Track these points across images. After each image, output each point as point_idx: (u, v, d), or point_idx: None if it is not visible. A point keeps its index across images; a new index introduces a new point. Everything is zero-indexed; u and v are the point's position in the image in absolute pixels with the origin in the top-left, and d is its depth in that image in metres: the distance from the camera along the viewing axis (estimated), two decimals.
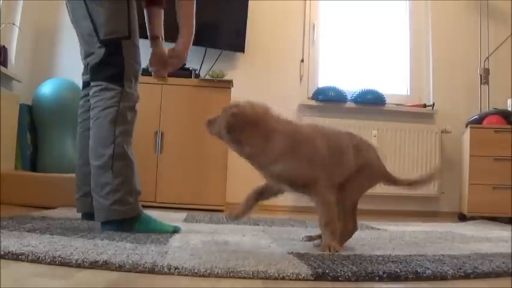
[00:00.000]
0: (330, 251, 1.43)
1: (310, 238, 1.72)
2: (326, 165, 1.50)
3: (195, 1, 1.89)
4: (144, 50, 1.89)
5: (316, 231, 2.10)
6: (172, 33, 1.95)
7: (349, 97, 3.93)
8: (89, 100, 1.94)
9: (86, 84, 1.98)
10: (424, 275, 1.16)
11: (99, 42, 1.73)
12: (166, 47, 2.01)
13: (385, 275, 1.13)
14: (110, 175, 1.68)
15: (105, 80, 1.73)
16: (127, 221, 1.69)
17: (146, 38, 2.02)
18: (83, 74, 2.00)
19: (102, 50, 1.73)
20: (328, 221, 1.49)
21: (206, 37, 3.68)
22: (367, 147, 1.64)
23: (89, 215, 1.91)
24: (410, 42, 4.11)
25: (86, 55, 1.79)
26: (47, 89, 3.34)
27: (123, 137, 1.72)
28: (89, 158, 1.86)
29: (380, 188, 1.67)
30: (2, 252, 1.14)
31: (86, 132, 1.92)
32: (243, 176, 3.24)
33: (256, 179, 1.51)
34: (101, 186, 1.69)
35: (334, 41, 4.11)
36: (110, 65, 1.74)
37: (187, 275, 1.08)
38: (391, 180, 1.69)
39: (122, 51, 1.75)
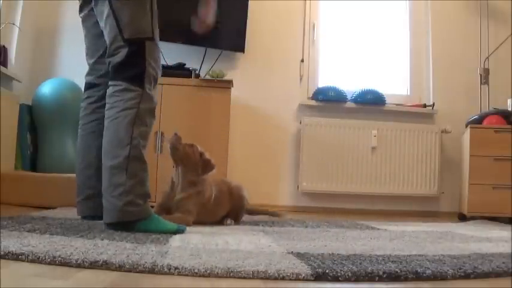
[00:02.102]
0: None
1: None
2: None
3: None
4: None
5: (315, 231, 2.10)
6: (172, 33, 1.95)
7: (349, 97, 3.92)
8: (91, 102, 1.94)
9: (88, 86, 1.97)
10: (424, 275, 1.16)
11: (123, 42, 1.72)
12: (166, 47, 2.00)
13: (385, 275, 1.13)
14: (124, 176, 1.67)
15: (126, 81, 1.72)
16: (134, 221, 1.69)
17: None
18: (87, 75, 1.98)
19: (126, 50, 1.72)
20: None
21: (206, 37, 3.68)
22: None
23: (89, 218, 1.91)
24: (410, 42, 4.10)
25: (109, 55, 1.77)
26: (47, 89, 3.34)
27: (140, 139, 1.71)
28: (90, 161, 1.86)
29: (380, 188, 1.68)
30: (2, 252, 1.14)
31: (89, 135, 1.91)
32: (242, 176, 3.25)
33: (256, 179, 1.50)
34: (114, 186, 1.67)
35: (334, 41, 4.11)
36: (132, 66, 1.73)
37: (187, 275, 1.08)
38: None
39: (145, 52, 1.74)
